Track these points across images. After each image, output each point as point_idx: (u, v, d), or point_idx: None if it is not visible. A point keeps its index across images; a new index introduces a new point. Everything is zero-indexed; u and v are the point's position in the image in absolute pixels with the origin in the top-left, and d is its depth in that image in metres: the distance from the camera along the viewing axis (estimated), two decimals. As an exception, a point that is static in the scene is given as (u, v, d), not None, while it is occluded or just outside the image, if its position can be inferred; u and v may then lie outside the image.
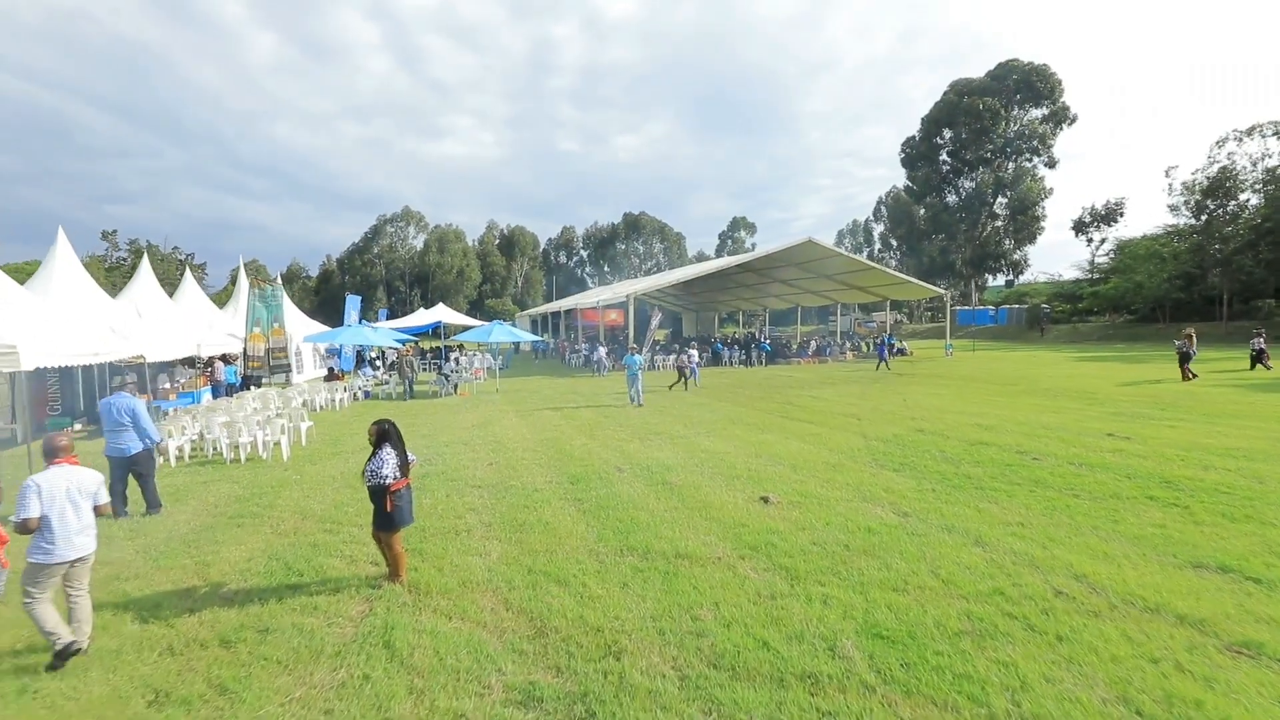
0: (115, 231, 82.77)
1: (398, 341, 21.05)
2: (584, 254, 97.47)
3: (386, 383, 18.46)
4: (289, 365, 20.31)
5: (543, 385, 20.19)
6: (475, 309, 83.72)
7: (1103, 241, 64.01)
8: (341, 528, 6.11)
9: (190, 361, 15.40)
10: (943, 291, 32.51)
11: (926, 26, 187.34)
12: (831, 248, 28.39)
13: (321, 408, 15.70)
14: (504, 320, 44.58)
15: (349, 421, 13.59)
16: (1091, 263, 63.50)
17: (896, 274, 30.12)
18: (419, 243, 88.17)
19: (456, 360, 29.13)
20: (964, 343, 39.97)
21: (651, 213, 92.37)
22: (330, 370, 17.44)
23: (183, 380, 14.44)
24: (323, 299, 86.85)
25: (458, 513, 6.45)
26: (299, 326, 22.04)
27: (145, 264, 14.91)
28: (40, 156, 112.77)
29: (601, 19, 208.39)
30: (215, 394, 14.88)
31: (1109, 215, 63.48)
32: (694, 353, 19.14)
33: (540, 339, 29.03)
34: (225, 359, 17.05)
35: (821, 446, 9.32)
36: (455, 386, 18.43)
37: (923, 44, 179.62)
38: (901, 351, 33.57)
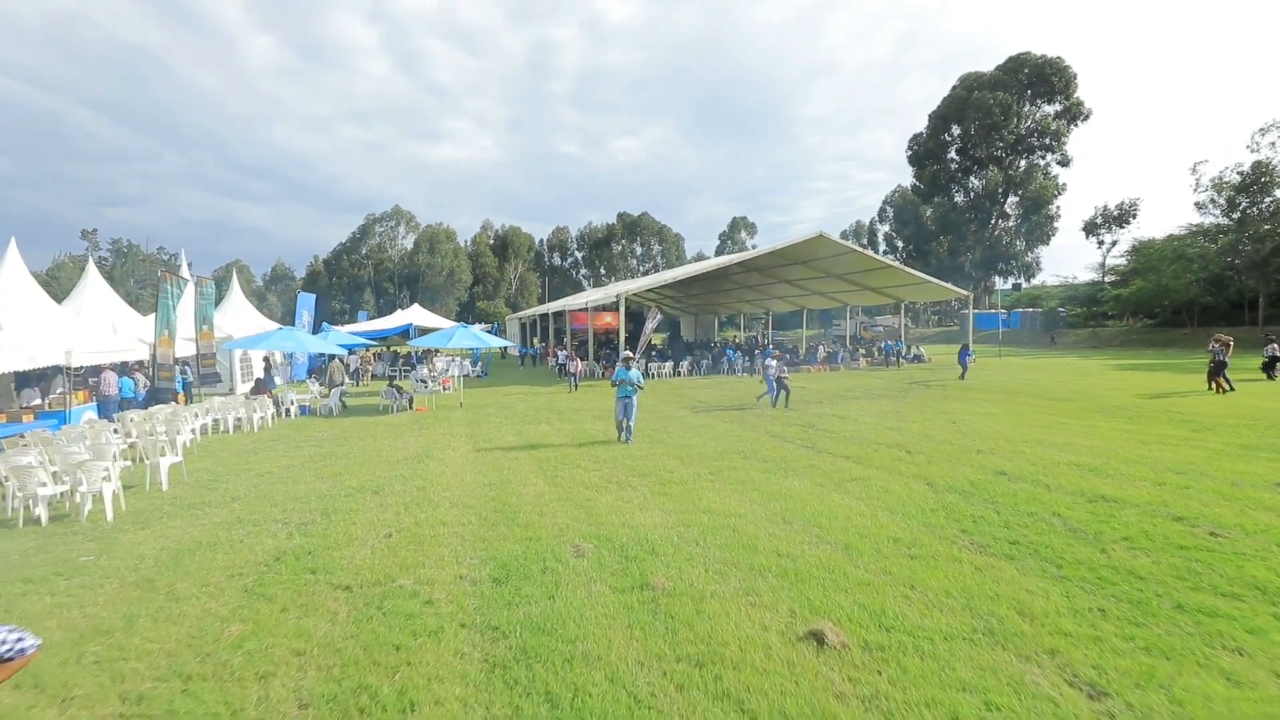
0: (95, 231, 79.88)
1: (346, 347, 18.20)
2: (579, 256, 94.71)
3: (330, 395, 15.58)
4: (219, 374, 17.48)
5: (517, 399, 17.34)
6: (466, 311, 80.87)
7: (1114, 244, 61.71)
8: (42, 703, 3.27)
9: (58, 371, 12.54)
10: (965, 293, 29.77)
11: (926, 31, 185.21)
12: (845, 244, 25.65)
13: (236, 428, 12.84)
14: (495, 323, 41.77)
15: (255, 450, 10.74)
16: (1102, 265, 61.04)
17: (916, 273, 27.38)
18: (409, 243, 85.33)
19: (431, 366, 26.37)
20: (987, 349, 37.11)
21: (651, 215, 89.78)
22: (257, 382, 14.62)
23: (53, 396, 11.59)
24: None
25: (267, 664, 3.60)
26: (252, 331, 19.23)
27: (12, 251, 12.08)
28: (38, 160, 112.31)
29: (601, 22, 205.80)
30: (103, 412, 12.03)
31: (1122, 216, 61.11)
32: (774, 361, 14.65)
33: (514, 344, 26.21)
34: (130, 368, 14.17)
35: (876, 503, 6.49)
36: (410, 400, 15.57)
37: (922, 48, 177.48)
38: (919, 358, 30.86)
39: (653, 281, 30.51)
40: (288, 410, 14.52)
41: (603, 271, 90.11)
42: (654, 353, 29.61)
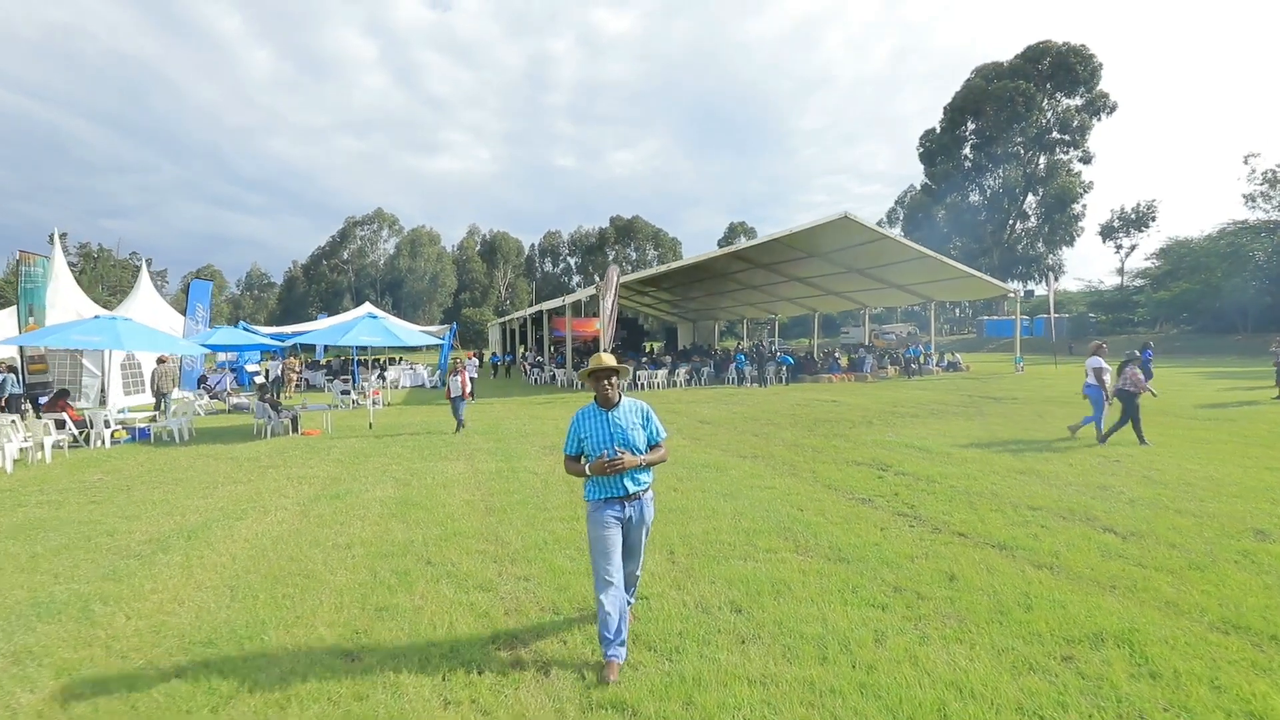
0: (65, 235, 75.78)
1: (247, 348, 13.73)
2: (571, 262, 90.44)
3: (248, 408, 11.03)
4: (52, 384, 12.95)
5: (448, 420, 12.76)
6: (451, 319, 76.36)
7: (1134, 247, 58.15)
8: None
9: None
10: (1012, 291, 25.50)
11: (920, 43, 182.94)
12: (877, 229, 21.28)
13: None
14: (454, 323, 37.11)
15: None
16: (1121, 269, 57.08)
17: (959, 266, 22.98)
18: (391, 246, 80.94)
19: (381, 375, 21.95)
20: (1034, 357, 32.82)
21: (644, 219, 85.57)
22: (56, 394, 10.11)
23: None
24: (285, 307, 79.42)
25: None
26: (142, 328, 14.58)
27: None
28: (36, 171, 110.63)
29: (598, 35, 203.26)
30: None
31: (1140, 219, 57.49)
32: (1103, 362, 8.76)
33: (441, 341, 21.66)
34: None
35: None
36: (294, 420, 11.05)
37: (917, 60, 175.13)
38: (955, 366, 26.47)
39: (647, 274, 26.14)
40: (101, 437, 9.96)
41: (597, 279, 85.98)
42: (644, 359, 25.20)
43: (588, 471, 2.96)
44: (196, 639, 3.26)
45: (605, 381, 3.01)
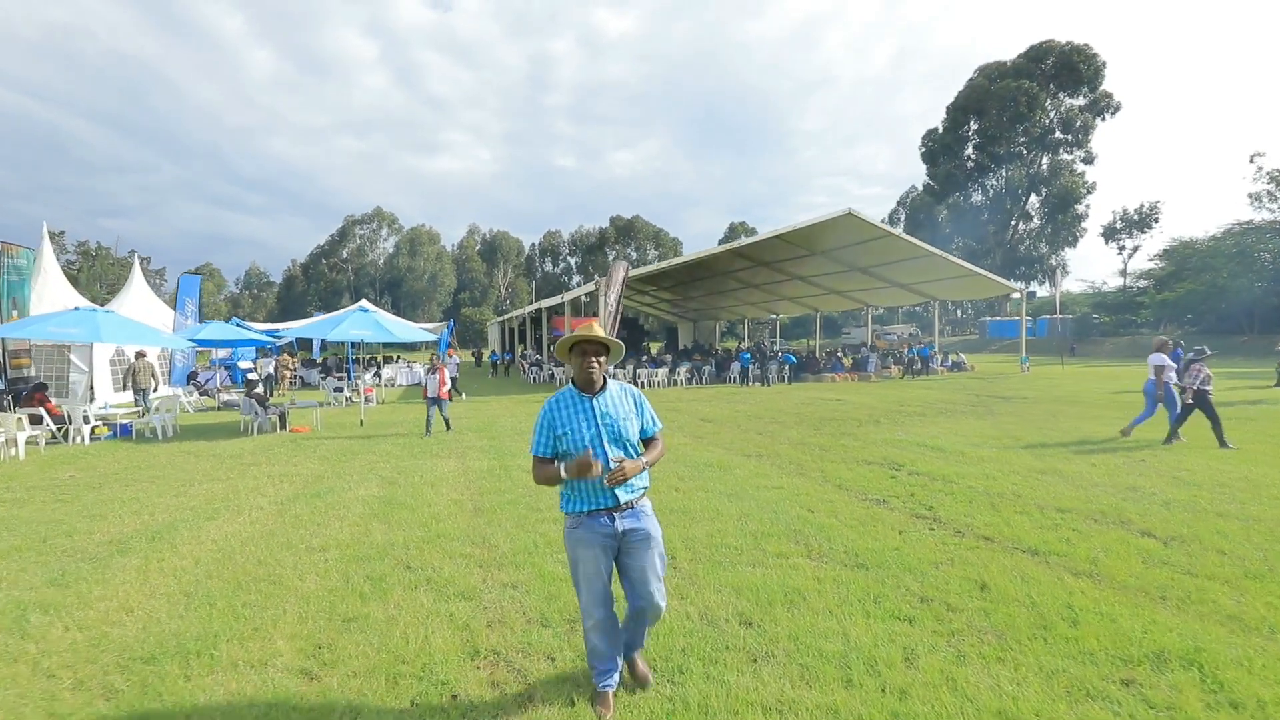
0: (63, 233, 75.67)
1: (241, 344, 13.35)
2: (571, 262, 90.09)
3: (231, 406, 10.68)
4: (39, 380, 12.58)
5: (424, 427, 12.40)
6: (450, 318, 75.93)
7: (1136, 249, 57.92)
8: None
9: None
10: (1017, 290, 25.11)
11: (921, 44, 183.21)
12: (880, 226, 20.89)
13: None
14: (451, 320, 36.71)
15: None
16: (1123, 271, 56.80)
17: (964, 264, 22.58)
18: (390, 245, 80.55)
19: (377, 372, 21.60)
20: (1039, 358, 32.47)
21: (644, 219, 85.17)
22: (34, 388, 9.76)
23: None
24: (284, 306, 79.04)
25: None
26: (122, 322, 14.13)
27: None
28: (36, 171, 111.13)
29: (599, 36, 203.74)
30: None
31: (1143, 220, 57.25)
32: (1166, 359, 8.27)
33: (440, 337, 21.30)
34: None
35: None
36: (282, 417, 10.69)
37: (917, 62, 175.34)
38: (959, 366, 26.12)
39: (648, 271, 25.72)
40: (79, 433, 9.59)
41: (597, 278, 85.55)
42: (644, 358, 24.85)
43: (564, 474, 2.28)
44: (138, 654, 2.90)
45: (591, 358, 2.38)
